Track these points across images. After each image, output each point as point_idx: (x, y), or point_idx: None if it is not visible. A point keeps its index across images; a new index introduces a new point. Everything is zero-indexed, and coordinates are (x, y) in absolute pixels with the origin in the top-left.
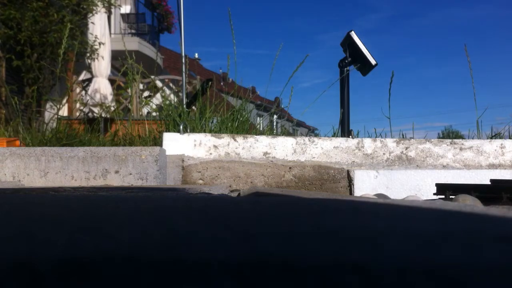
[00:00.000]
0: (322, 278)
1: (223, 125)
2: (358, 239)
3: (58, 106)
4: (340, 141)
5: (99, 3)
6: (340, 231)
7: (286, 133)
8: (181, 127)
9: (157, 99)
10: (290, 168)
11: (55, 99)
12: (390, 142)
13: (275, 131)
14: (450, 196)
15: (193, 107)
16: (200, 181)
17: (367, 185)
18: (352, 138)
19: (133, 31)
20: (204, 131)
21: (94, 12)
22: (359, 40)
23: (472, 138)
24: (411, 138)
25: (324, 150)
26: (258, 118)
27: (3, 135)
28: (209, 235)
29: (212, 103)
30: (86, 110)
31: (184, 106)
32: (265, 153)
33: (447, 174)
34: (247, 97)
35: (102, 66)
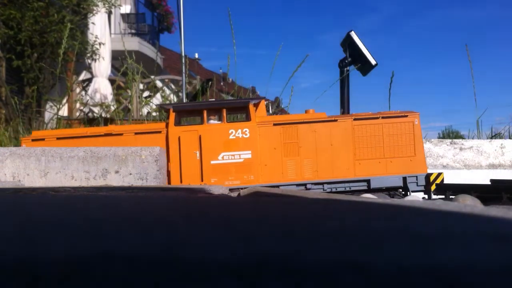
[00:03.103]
0: (322, 278)
1: None
2: (358, 239)
3: (58, 106)
4: None
5: (99, 3)
6: (340, 231)
7: None
8: None
9: (157, 99)
10: None
11: (55, 99)
12: None
13: None
14: (450, 196)
15: None
16: None
17: None
18: None
19: (133, 31)
20: None
21: (94, 12)
22: (359, 40)
23: (472, 138)
24: None
25: None
26: None
27: (3, 135)
28: (209, 235)
29: None
30: (86, 110)
31: None
32: None
33: (447, 174)
34: (247, 97)
35: (102, 66)
